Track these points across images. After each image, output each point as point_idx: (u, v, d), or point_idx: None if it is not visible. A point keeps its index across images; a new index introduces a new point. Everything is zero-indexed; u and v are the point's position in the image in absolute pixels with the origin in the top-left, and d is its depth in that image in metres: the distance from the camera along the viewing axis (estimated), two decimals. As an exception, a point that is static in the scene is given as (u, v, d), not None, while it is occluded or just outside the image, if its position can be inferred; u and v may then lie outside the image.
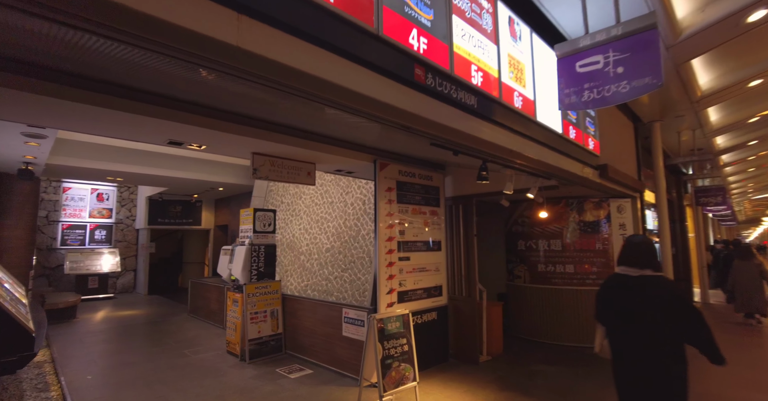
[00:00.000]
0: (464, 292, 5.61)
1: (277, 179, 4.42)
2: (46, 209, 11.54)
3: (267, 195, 9.79)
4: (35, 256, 11.27)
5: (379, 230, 4.69)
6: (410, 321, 4.00)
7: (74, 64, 2.49)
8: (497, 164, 3.93)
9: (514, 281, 6.97)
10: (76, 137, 7.68)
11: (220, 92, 2.95)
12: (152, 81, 2.81)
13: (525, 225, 6.87)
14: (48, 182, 11.61)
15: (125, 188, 13.07)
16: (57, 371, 5.30)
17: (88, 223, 12.04)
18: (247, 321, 5.47)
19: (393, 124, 2.49)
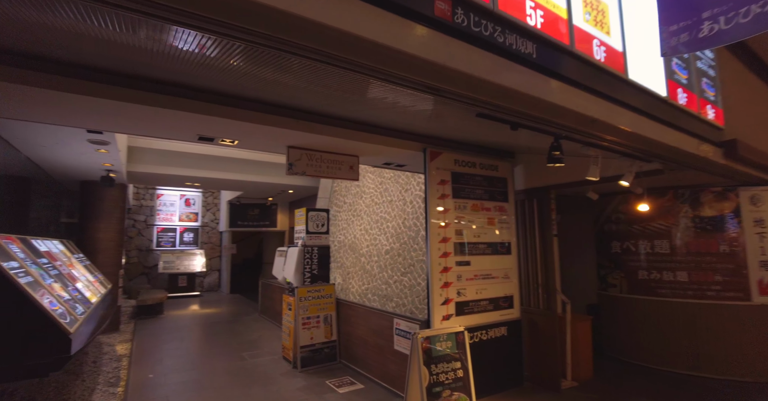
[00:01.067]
0: (541, 304, 4.69)
1: (315, 174, 4.03)
2: (144, 214, 12.78)
3: (331, 196, 9.64)
4: (136, 256, 12.54)
5: (431, 229, 4.05)
6: (466, 340, 3.30)
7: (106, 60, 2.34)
8: (575, 140, 3.06)
9: (607, 291, 5.79)
10: (152, 145, 8.22)
11: (251, 80, 2.62)
12: (185, 73, 2.58)
13: (621, 223, 5.66)
14: (145, 190, 12.87)
15: (209, 194, 14.01)
16: (130, 366, 5.53)
17: (178, 226, 13.10)
18: (299, 326, 5.18)
19: (411, 83, 1.88)
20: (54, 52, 2.40)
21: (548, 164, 3.02)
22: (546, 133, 2.91)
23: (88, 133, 4.51)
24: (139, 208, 12.73)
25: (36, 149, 5.22)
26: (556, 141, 2.90)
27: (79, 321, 3.60)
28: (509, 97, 2.10)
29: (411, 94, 2.48)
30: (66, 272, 4.70)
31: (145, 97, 2.90)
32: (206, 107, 3.11)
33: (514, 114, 2.37)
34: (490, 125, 3.47)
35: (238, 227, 13.14)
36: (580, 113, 2.41)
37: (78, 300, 4.15)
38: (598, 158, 3.26)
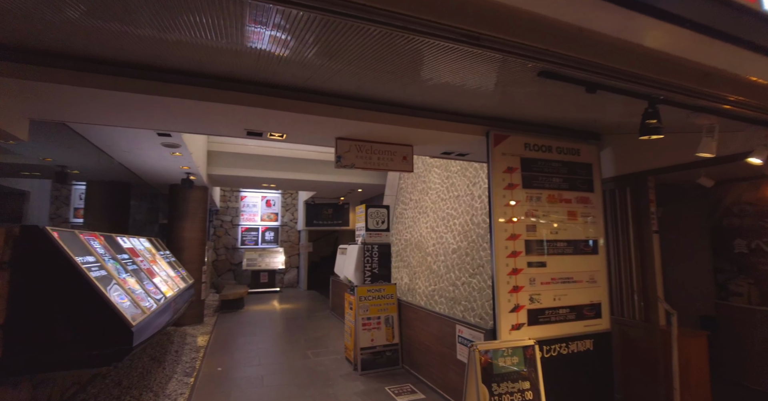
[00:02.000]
0: (637, 314, 3.88)
1: (365, 166, 3.75)
2: (230, 214, 13.76)
3: (398, 193, 9.37)
4: (224, 254, 13.54)
5: (495, 225, 3.53)
6: (537, 355, 2.75)
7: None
8: (679, 105, 2.36)
9: (728, 301, 4.67)
10: (229, 149, 8.70)
11: (297, 68, 2.49)
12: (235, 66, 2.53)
13: (747, 216, 4.52)
14: (231, 193, 13.86)
15: (288, 195, 14.65)
16: (204, 358, 5.81)
17: (260, 226, 13.88)
18: (359, 327, 4.97)
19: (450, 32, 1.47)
20: (128, 56, 2.47)
21: (641, 137, 2.36)
22: (637, 95, 2.26)
23: (158, 136, 4.79)
24: (225, 209, 13.74)
25: (122, 154, 5.72)
26: (652, 106, 2.24)
27: (146, 314, 3.75)
28: (585, 43, 1.58)
29: (450, 48, 2.05)
30: (146, 267, 5.01)
31: (194, 91, 2.88)
32: (252, 99, 3.02)
33: (592, 68, 1.82)
34: (566, 99, 2.89)
35: (313, 226, 13.53)
36: (688, 62, 1.78)
37: (151, 294, 4.36)
38: (715, 128, 2.48)
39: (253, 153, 9.08)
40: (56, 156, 5.97)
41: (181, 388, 4.60)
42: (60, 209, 11.44)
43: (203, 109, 3.10)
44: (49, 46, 2.39)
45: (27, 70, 2.53)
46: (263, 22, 1.88)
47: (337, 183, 10.44)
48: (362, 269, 5.30)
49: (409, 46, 2.08)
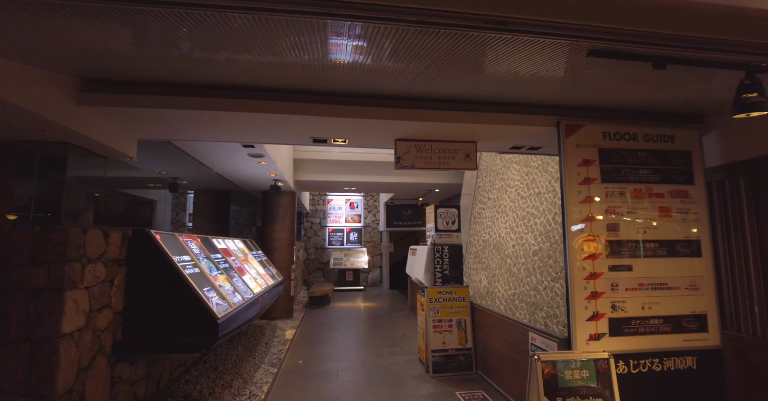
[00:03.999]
0: (759, 330, 3.20)
1: (425, 166, 3.70)
2: (318, 217, 14.63)
3: (476, 192, 9.06)
4: (314, 254, 14.43)
5: (569, 223, 3.21)
6: (612, 370, 2.42)
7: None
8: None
9: None
10: (314, 156, 9.25)
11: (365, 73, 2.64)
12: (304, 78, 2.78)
13: None
14: (319, 196, 14.73)
15: (370, 197, 15.10)
16: (289, 350, 6.25)
17: (345, 227, 14.51)
18: (430, 329, 4.91)
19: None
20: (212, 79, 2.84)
21: (735, 116, 1.93)
22: (726, 66, 1.86)
23: (244, 147, 5.30)
24: (314, 212, 14.65)
25: (219, 165, 6.44)
26: (750, 77, 1.82)
27: (232, 308, 4.15)
28: (640, 12, 1.37)
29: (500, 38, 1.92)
30: (237, 265, 5.56)
31: (267, 105, 3.14)
32: (315, 108, 3.20)
33: (651, 40, 1.56)
34: (649, 78, 2.53)
35: (394, 227, 13.74)
36: None
37: (239, 290, 4.82)
38: None
39: (335, 159, 9.54)
40: (169, 169, 6.96)
41: (267, 377, 5.01)
42: (179, 215, 13.27)
43: (274, 121, 3.36)
44: (147, 76, 2.81)
45: (132, 99, 3.00)
46: (342, 33, 1.96)
47: (414, 184, 10.46)
48: (432, 270, 5.23)
49: (460, 42, 2.01)
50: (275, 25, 1.91)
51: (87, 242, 2.94)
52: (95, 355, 3.05)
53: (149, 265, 3.57)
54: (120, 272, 3.42)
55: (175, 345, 3.56)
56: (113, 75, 2.83)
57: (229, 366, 5.32)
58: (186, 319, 3.52)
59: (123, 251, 3.48)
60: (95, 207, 7.34)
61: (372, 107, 3.29)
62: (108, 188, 7.92)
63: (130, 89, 2.99)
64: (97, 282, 3.08)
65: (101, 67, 2.70)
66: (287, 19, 1.79)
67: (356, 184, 10.43)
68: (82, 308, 2.87)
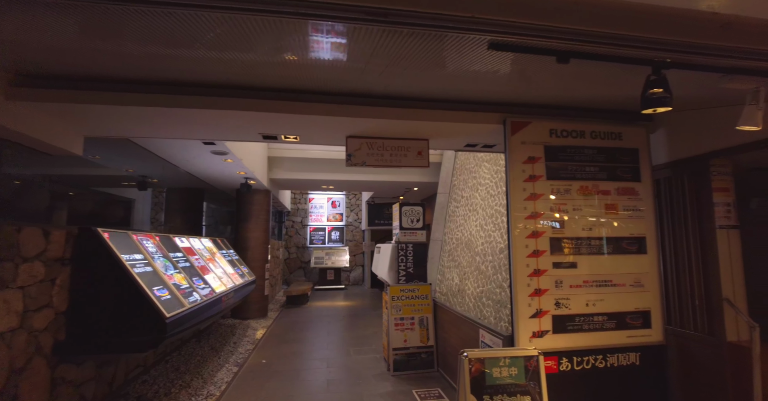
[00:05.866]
0: (700, 325, 3.24)
1: (377, 164, 3.68)
2: (300, 216, 14.55)
3: (451, 191, 9.07)
4: (295, 253, 14.35)
5: (513, 221, 3.21)
6: (541, 367, 2.42)
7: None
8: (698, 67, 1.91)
9: None
10: (289, 154, 9.18)
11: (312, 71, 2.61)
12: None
13: None
14: (300, 195, 14.64)
15: (352, 195, 15.05)
16: (254, 350, 6.20)
17: (327, 226, 14.46)
18: (391, 327, 4.89)
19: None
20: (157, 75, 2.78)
21: (643, 111, 1.94)
22: (633, 61, 1.86)
23: (205, 145, 5.23)
24: (296, 211, 14.56)
25: (184, 163, 6.35)
26: (655, 72, 1.82)
27: (185, 307, 4.08)
28: (540, 5, 1.35)
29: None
30: (200, 264, 5.47)
31: (210, 102, 3.09)
32: (263, 104, 3.16)
33: (555, 34, 1.55)
34: (596, 75, 2.55)
35: (375, 226, 13.72)
36: (694, 13, 1.43)
37: (198, 289, 4.74)
38: (759, 94, 1.94)
39: (312, 157, 9.47)
40: (136, 167, 6.85)
41: (228, 377, 4.96)
42: (158, 214, 13.10)
43: (219, 117, 3.31)
44: (88, 72, 2.74)
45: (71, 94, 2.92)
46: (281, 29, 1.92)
47: (393, 183, 10.44)
48: (396, 268, 5.22)
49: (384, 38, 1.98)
50: (217, 22, 1.87)
51: (21, 240, 2.86)
52: (32, 356, 2.97)
53: (95, 264, 3.49)
54: (64, 271, 3.35)
55: (120, 345, 3.49)
56: (51, 70, 2.76)
57: (191, 366, 5.25)
58: (132, 319, 3.45)
59: (68, 250, 3.41)
60: (60, 205, 7.19)
61: (322, 103, 3.25)
62: (75, 187, 7.78)
63: (70, 85, 2.92)
64: (35, 282, 3.00)
65: (36, 62, 2.63)
66: (227, 15, 1.73)
67: (334, 182, 10.38)
68: (14, 308, 2.80)
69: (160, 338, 3.51)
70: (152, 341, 3.51)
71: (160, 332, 3.50)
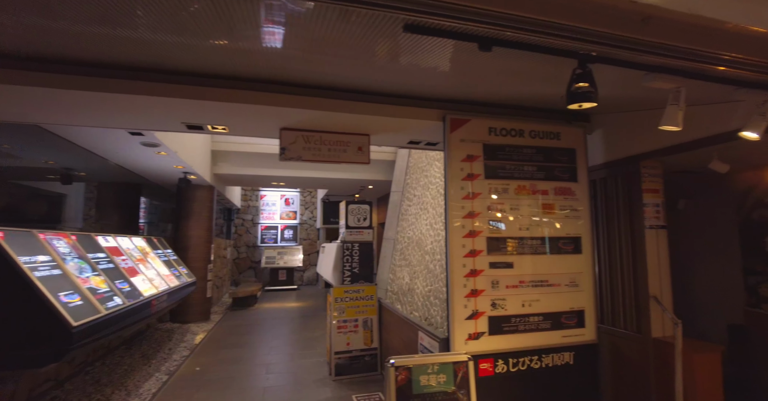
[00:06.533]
0: (629, 322, 3.32)
1: (313, 158, 3.47)
2: (251, 213, 13.99)
3: (404, 189, 9.00)
4: (245, 252, 13.79)
5: (451, 221, 3.13)
6: (471, 373, 2.34)
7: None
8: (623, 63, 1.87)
9: (759, 308, 3.93)
10: (236, 148, 8.72)
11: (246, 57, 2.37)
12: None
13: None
14: (252, 192, 14.08)
15: (307, 193, 14.67)
16: (190, 356, 5.79)
17: (279, 224, 14.00)
18: (333, 329, 4.71)
19: None
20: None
21: (568, 106, 1.89)
22: (558, 53, 1.80)
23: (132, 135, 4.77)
24: (246, 208, 13.98)
25: (112, 155, 5.81)
26: (581, 66, 1.77)
27: (102, 313, 3.68)
28: None
29: None
30: (127, 266, 5.01)
31: (126, 86, 2.75)
32: (186, 90, 2.85)
33: (479, 17, 1.42)
34: (536, 73, 2.47)
35: (331, 224, 13.42)
36: (613, 1, 1.34)
37: (122, 293, 4.32)
38: (680, 94, 1.94)
39: (261, 152, 9.04)
40: (56, 158, 6.20)
41: (155, 387, 4.57)
42: (92, 210, 12.11)
43: (138, 103, 2.97)
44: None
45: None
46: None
47: (348, 180, 10.22)
48: (341, 268, 5.03)
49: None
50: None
51: None
52: None
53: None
54: (-56, 277, 2.89)
55: (15, 360, 3.07)
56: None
57: (115, 377, 4.80)
58: (29, 329, 3.05)
59: (-50, 253, 2.94)
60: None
61: (252, 91, 3.00)
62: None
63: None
64: None
65: None
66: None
67: (285, 179, 10.00)
68: None
69: (63, 350, 3.13)
70: (54, 354, 3.12)
71: (64, 343, 3.12)
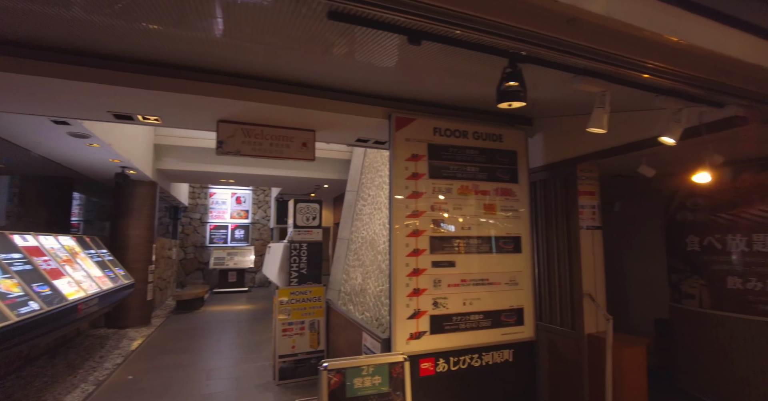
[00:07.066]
0: (565, 319, 3.45)
1: (254, 153, 3.32)
2: (199, 212, 13.35)
3: (359, 189, 8.93)
4: (193, 253, 13.14)
5: (395, 219, 3.10)
6: (407, 374, 2.32)
7: None
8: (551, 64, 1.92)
9: (681, 303, 4.23)
10: (182, 142, 8.26)
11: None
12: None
13: (699, 210, 4.08)
14: (200, 189, 13.44)
15: (260, 191, 14.22)
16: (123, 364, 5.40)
17: (230, 224, 13.46)
18: (278, 332, 4.55)
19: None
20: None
21: (499, 105, 1.91)
22: (488, 50, 1.81)
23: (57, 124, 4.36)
24: (194, 206, 13.33)
25: (35, 145, 5.29)
26: (511, 65, 1.80)
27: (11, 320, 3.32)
28: None
29: None
30: (49, 267, 4.58)
31: (43, 68, 2.47)
32: (114, 76, 2.62)
33: (406, 8, 1.38)
34: (481, 74, 2.47)
35: (284, 224, 13.09)
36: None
37: (40, 297, 3.93)
38: (605, 97, 2.03)
39: (209, 147, 8.62)
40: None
41: (79, 400, 4.20)
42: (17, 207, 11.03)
43: (57, 88, 2.69)
44: None
45: None
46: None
47: (301, 178, 9.99)
48: (287, 269, 4.88)
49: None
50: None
51: None
52: None
53: None
54: None
55: None
56: None
57: (32, 391, 4.36)
58: None
59: None
60: None
61: (187, 80, 2.82)
62: None
63: None
64: None
65: None
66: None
67: (235, 176, 9.61)
68: None
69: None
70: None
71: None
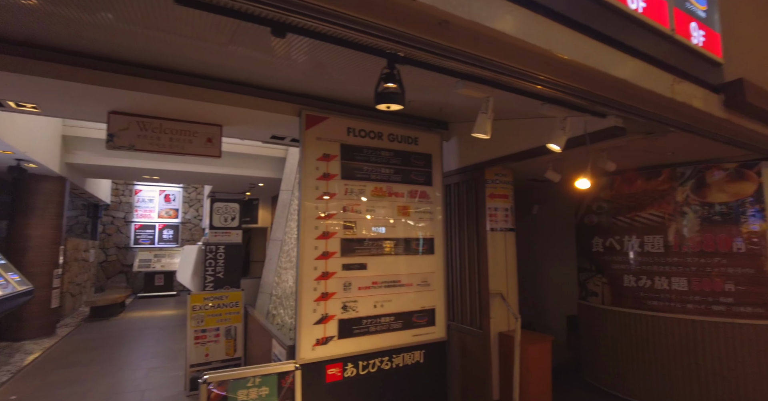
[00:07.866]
0: (474, 319, 3.53)
1: (151, 148, 3.06)
2: (123, 210, 12.35)
3: (294, 188, 8.67)
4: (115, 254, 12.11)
5: (304, 222, 2.98)
6: (297, 384, 2.22)
7: None
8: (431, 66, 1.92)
9: (587, 301, 4.51)
10: (94, 134, 7.53)
11: None
12: None
13: (603, 213, 4.36)
14: (124, 186, 12.43)
15: (192, 189, 13.43)
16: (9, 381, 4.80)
17: (157, 223, 12.58)
18: (190, 340, 4.25)
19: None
20: None
21: (377, 106, 1.89)
22: (368, 50, 1.77)
23: None
24: (118, 204, 12.30)
25: None
26: (390, 66, 1.77)
27: None
28: None
29: None
30: None
31: None
32: None
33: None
34: (368, 69, 2.39)
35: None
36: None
37: None
38: (489, 103, 2.07)
39: (129, 141, 7.94)
40: None
41: (-57, 427, 3.65)
42: None
43: None
44: None
45: None
46: None
47: (234, 176, 9.53)
48: (202, 273, 4.59)
49: None
50: None
51: None
52: None
53: None
54: None
55: None
56: None
57: None
58: None
59: None
60: None
61: (70, 65, 2.52)
62: None
63: None
64: None
65: None
66: None
67: (159, 173, 8.95)
68: None
69: None
70: None
71: None
